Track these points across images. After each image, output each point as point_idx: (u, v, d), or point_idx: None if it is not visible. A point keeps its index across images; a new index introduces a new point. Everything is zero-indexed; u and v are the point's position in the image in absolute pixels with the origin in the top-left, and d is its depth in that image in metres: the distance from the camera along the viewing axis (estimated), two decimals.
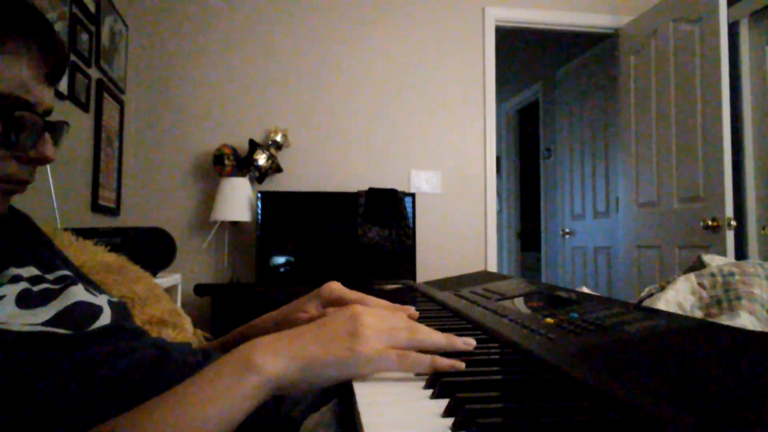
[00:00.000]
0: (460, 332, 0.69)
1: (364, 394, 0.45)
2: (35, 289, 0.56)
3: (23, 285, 0.55)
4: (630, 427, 0.35)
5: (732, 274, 1.16)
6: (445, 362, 0.51)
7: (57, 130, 0.60)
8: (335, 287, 0.72)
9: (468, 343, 0.56)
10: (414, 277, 2.79)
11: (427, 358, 0.51)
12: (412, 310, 0.67)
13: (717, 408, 0.33)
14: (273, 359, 0.48)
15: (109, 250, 1.09)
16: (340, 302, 0.70)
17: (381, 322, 0.53)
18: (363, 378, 0.50)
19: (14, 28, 0.53)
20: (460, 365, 0.51)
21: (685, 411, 0.33)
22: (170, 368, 0.58)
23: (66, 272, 0.62)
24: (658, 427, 0.33)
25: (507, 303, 0.80)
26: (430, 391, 0.45)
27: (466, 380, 0.47)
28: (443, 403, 0.41)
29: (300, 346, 0.50)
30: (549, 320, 0.63)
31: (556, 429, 0.36)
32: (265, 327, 0.74)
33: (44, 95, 0.57)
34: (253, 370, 0.46)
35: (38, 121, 0.56)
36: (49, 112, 0.58)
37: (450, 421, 0.38)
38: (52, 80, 0.58)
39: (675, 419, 0.33)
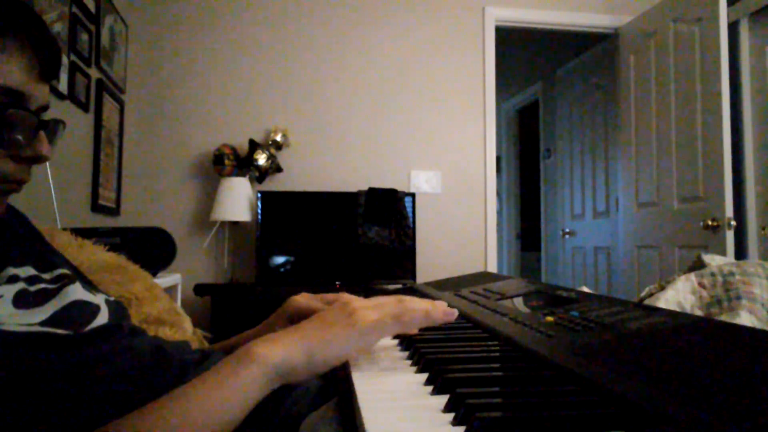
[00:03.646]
0: (460, 331, 0.69)
1: (364, 391, 0.45)
2: (32, 288, 0.55)
3: (20, 285, 0.55)
4: (629, 422, 0.35)
5: (732, 273, 1.16)
6: (439, 313, 0.55)
7: (52, 128, 0.60)
8: (299, 299, 0.73)
9: (452, 310, 0.59)
10: (414, 277, 2.79)
11: (421, 313, 0.55)
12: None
13: (718, 404, 0.33)
14: (273, 348, 0.49)
15: (109, 250, 1.08)
16: (307, 312, 0.69)
17: (369, 301, 0.57)
18: (366, 353, 0.53)
19: (4, 25, 0.53)
20: (453, 312, 0.55)
21: (686, 406, 0.33)
22: (168, 367, 0.58)
23: (64, 271, 0.62)
24: (659, 423, 0.33)
25: (507, 302, 0.80)
26: (430, 388, 0.45)
27: (466, 377, 0.47)
28: (444, 399, 0.41)
29: (300, 334, 0.52)
30: (549, 318, 0.63)
31: (555, 423, 0.36)
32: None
33: (38, 92, 0.56)
34: (254, 360, 0.48)
35: (33, 120, 0.55)
36: (44, 109, 0.58)
37: (450, 416, 0.38)
38: (46, 77, 0.57)
39: (676, 415, 0.33)
